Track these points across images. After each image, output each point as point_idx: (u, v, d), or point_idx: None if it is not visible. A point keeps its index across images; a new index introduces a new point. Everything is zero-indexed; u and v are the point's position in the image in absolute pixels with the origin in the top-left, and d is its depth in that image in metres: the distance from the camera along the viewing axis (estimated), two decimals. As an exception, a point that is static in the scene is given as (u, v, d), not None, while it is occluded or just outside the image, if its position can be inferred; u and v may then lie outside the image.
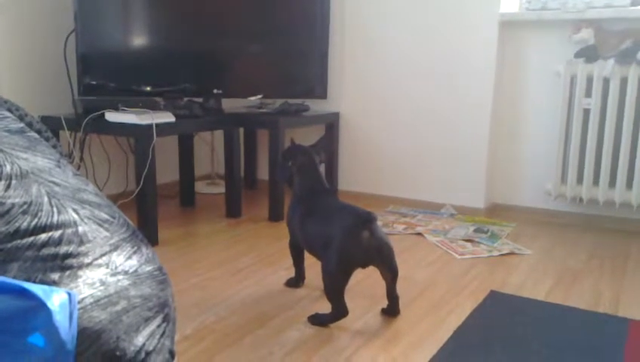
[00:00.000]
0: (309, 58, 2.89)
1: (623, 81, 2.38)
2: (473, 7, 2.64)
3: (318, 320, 1.56)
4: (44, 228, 0.80)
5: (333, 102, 3.04)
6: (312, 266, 1.83)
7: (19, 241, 0.78)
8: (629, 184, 2.43)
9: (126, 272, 0.83)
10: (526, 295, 1.79)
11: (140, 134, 2.20)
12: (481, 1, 2.62)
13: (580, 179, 2.52)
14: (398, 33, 2.84)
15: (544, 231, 2.52)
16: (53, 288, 0.73)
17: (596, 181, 2.49)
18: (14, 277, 0.76)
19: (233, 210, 2.64)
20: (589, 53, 2.44)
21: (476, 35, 2.65)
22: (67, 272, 0.78)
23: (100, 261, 0.81)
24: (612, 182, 2.46)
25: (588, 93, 2.44)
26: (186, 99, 2.62)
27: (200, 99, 2.70)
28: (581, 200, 2.54)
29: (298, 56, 2.87)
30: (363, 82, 2.97)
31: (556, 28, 2.55)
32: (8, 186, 0.82)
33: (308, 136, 3.06)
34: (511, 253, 2.20)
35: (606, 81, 2.41)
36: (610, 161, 2.44)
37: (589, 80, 2.43)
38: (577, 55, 2.47)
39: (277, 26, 2.81)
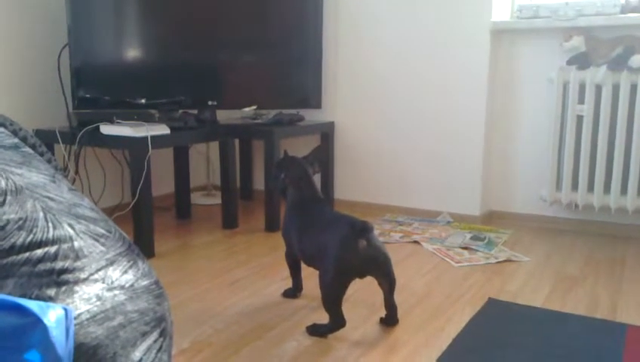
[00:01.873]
0: (303, 68, 2.90)
1: (615, 88, 2.40)
2: (466, 16, 2.66)
3: (316, 331, 1.56)
4: (39, 244, 0.80)
5: (327, 111, 3.05)
6: (310, 276, 1.83)
7: (14, 257, 0.78)
8: (624, 189, 2.44)
9: (122, 287, 0.83)
10: (523, 302, 1.79)
11: (135, 147, 2.20)
12: (474, 10, 2.64)
13: (574, 186, 2.53)
14: (391, 42, 2.85)
15: (540, 237, 2.52)
16: (49, 304, 0.73)
17: (591, 187, 2.50)
18: (10, 294, 0.76)
19: (229, 221, 2.64)
20: (580, 61, 2.46)
21: (469, 43, 2.67)
22: (63, 288, 0.77)
23: (96, 276, 0.81)
24: (607, 188, 2.47)
25: (581, 100, 2.46)
26: (180, 111, 2.62)
27: (195, 111, 2.71)
28: (576, 206, 2.55)
29: (292, 67, 2.88)
30: (357, 91, 2.98)
31: (548, 36, 2.57)
32: (3, 202, 0.82)
33: (303, 146, 3.07)
34: (508, 260, 2.20)
35: (598, 88, 2.42)
36: (604, 166, 2.45)
37: (582, 87, 2.45)
38: (569, 62, 2.49)
39: (271, 36, 2.82)
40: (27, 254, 0.78)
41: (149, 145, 2.19)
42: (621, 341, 1.52)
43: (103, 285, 0.81)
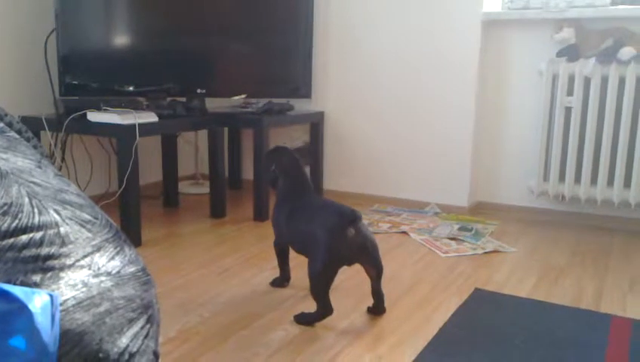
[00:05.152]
0: (294, 57, 2.88)
1: (604, 80, 2.41)
2: (456, 6, 2.65)
3: (303, 320, 1.56)
4: (24, 230, 0.79)
5: (317, 101, 3.04)
6: (298, 266, 1.83)
7: (-1, 243, 0.77)
8: (610, 181, 2.46)
9: (109, 273, 0.82)
10: (510, 292, 1.80)
11: (122, 134, 2.18)
12: (464, 1, 2.63)
13: (562, 177, 2.55)
14: (382, 33, 2.84)
15: (527, 228, 2.54)
16: (35, 290, 0.72)
17: (578, 179, 2.52)
18: (-6, 280, 0.75)
19: (217, 210, 2.63)
20: (570, 52, 2.47)
21: (459, 34, 2.67)
22: (49, 274, 0.76)
23: (82, 262, 0.80)
24: (593, 180, 2.49)
25: (570, 92, 2.47)
26: (169, 98, 2.60)
27: (183, 99, 2.69)
28: (563, 197, 2.57)
29: (282, 56, 2.87)
30: (347, 82, 2.97)
31: (538, 27, 2.58)
32: (-12, 187, 0.81)
33: (294, 136, 3.06)
34: (495, 251, 2.21)
35: (587, 80, 2.44)
36: (591, 158, 2.47)
37: (571, 79, 2.46)
38: (559, 54, 2.50)
39: (261, 25, 2.80)
40: (12, 240, 0.77)
41: (137, 133, 2.17)
42: (605, 331, 1.53)
43: (89, 271, 0.80)
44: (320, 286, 1.53)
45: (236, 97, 2.80)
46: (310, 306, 1.57)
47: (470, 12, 2.63)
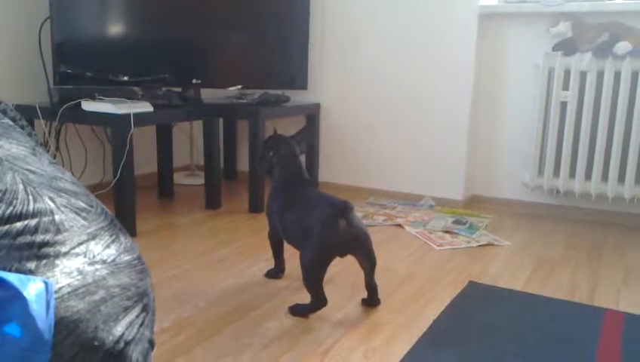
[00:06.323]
0: (290, 48, 2.87)
1: (600, 75, 2.41)
2: (453, -1, 2.65)
3: (298, 311, 1.56)
4: (19, 217, 0.78)
5: (313, 93, 3.03)
6: (292, 257, 1.83)
7: (-7, 230, 0.76)
8: (605, 176, 2.47)
9: (104, 261, 0.81)
10: (504, 285, 1.81)
11: (117, 124, 2.17)
12: (461, -6, 2.63)
13: (556, 172, 2.55)
14: (378, 25, 2.83)
15: (522, 222, 2.55)
16: (30, 277, 0.72)
17: (572, 173, 2.53)
18: (-11, 267, 0.74)
19: (213, 201, 2.63)
20: (566, 46, 2.47)
21: (456, 27, 2.66)
22: (44, 261, 0.76)
23: (77, 250, 0.80)
24: (588, 175, 2.50)
25: (565, 86, 2.47)
26: (164, 88, 2.58)
27: (179, 89, 2.67)
28: (558, 192, 2.57)
29: (278, 47, 2.86)
30: (344, 74, 2.96)
31: (535, 20, 2.58)
32: (-18, 174, 0.80)
33: (289, 127, 3.05)
34: (489, 244, 2.22)
35: (583, 75, 2.44)
36: (586, 153, 2.48)
37: (567, 73, 2.46)
38: (555, 48, 2.50)
39: (257, 15, 2.79)
40: (7, 227, 0.77)
41: (132, 123, 2.16)
42: (598, 324, 1.54)
43: (84, 259, 0.79)
44: (312, 277, 1.53)
45: (232, 88, 2.79)
46: (304, 297, 1.57)
47: (467, 5, 2.62)
